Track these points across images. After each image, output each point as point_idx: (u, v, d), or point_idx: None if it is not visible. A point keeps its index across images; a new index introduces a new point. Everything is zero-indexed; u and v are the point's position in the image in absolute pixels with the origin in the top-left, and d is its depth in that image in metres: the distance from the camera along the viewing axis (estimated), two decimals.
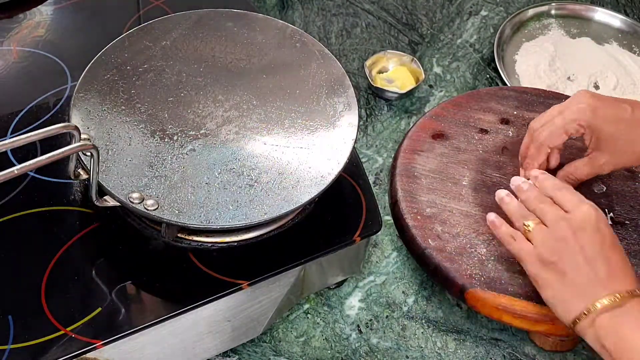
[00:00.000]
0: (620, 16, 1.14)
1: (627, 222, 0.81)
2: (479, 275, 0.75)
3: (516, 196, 0.74)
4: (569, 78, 1.05)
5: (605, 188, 0.84)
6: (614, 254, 0.67)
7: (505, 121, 0.90)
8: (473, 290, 0.74)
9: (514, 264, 0.76)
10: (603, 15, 1.15)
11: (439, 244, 0.77)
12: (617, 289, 0.64)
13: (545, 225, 0.69)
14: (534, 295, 0.72)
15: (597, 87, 1.04)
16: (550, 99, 0.93)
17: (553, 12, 1.15)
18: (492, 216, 0.74)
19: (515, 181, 0.75)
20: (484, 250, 0.77)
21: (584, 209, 0.68)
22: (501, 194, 0.75)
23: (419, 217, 0.79)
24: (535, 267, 0.69)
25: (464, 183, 0.83)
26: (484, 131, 0.88)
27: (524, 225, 0.70)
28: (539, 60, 1.06)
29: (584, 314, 0.64)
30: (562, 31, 1.12)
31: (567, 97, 0.93)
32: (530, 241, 0.70)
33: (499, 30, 1.08)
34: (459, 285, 0.74)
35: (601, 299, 0.64)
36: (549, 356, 0.79)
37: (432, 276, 0.78)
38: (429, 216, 0.80)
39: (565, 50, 1.08)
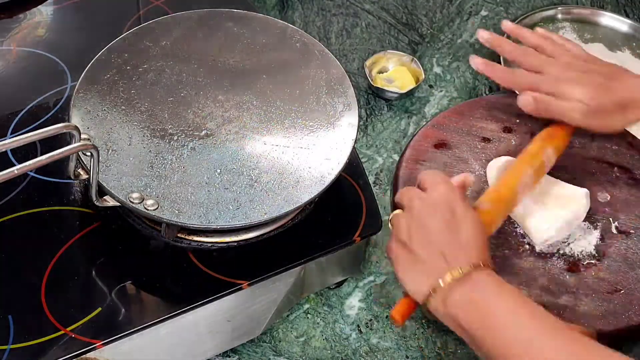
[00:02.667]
0: (629, 21, 1.13)
1: (631, 231, 0.80)
2: None
3: None
4: None
5: (609, 197, 0.83)
6: (464, 230, 0.66)
7: (507, 129, 0.89)
8: None
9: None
10: (610, 20, 1.14)
11: None
12: (460, 263, 0.64)
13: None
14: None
15: None
16: None
17: (560, 16, 1.14)
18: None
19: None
20: None
21: (439, 189, 0.68)
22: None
23: None
24: (392, 248, 0.68)
25: (466, 193, 0.82)
26: (486, 140, 0.88)
27: (389, 215, 0.71)
28: None
29: (432, 292, 0.63)
30: (575, 35, 1.12)
31: None
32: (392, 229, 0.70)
33: (505, 35, 1.08)
34: None
35: (444, 275, 0.63)
36: None
37: None
38: None
39: None
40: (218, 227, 0.66)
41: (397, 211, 0.70)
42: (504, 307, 0.62)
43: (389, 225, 0.70)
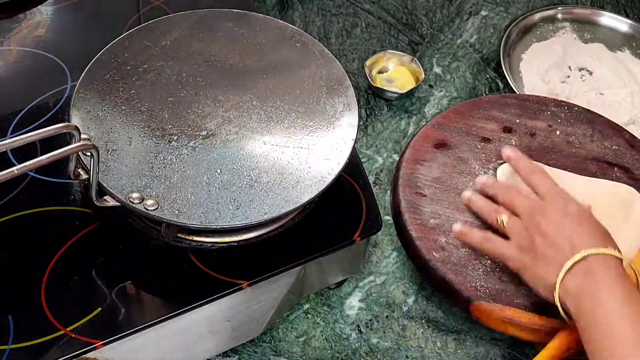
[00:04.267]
0: (629, 21, 1.13)
1: None
2: (484, 287, 0.74)
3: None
4: (570, 82, 1.04)
5: None
6: (583, 225, 0.69)
7: (507, 129, 0.89)
8: (478, 303, 0.73)
9: (519, 275, 0.75)
10: (610, 20, 1.14)
11: (443, 255, 0.76)
12: (587, 246, 0.66)
13: (517, 215, 0.72)
14: (540, 308, 0.72)
15: (601, 93, 1.03)
16: (552, 106, 0.92)
17: (560, 16, 1.14)
18: (457, 226, 0.76)
19: (480, 179, 0.79)
20: (489, 261, 0.76)
21: (554, 193, 0.73)
22: (467, 194, 0.79)
23: (422, 228, 0.79)
24: (516, 258, 0.71)
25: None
26: (486, 140, 0.88)
27: (498, 220, 0.73)
28: (545, 63, 1.06)
29: (557, 285, 0.66)
30: (575, 35, 1.11)
31: (568, 104, 0.93)
32: (506, 235, 0.72)
33: (505, 35, 1.08)
34: (464, 298, 0.74)
35: (567, 262, 0.65)
36: None
37: (436, 288, 0.77)
38: (433, 227, 0.79)
39: (574, 55, 1.08)
40: (218, 227, 0.66)
41: (507, 218, 0.73)
42: (612, 303, 0.62)
43: (497, 224, 0.74)
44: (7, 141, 0.57)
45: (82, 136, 0.62)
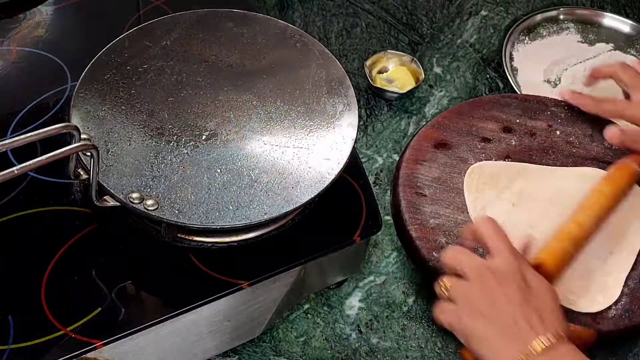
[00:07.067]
0: (630, 22, 1.13)
1: None
2: None
3: None
4: (571, 82, 1.04)
5: None
6: (543, 301, 0.64)
7: (507, 129, 0.89)
8: None
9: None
10: (613, 21, 1.14)
11: None
12: (549, 332, 0.62)
13: (465, 279, 0.66)
14: None
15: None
16: (552, 106, 0.92)
17: (562, 17, 1.14)
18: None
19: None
20: None
21: (506, 257, 0.66)
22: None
23: (422, 228, 0.79)
24: (463, 324, 0.65)
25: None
26: (486, 140, 0.88)
27: (439, 284, 0.67)
28: (545, 63, 1.06)
29: (523, 357, 0.61)
30: (577, 36, 1.11)
31: (568, 104, 0.93)
32: (452, 299, 0.66)
33: (506, 35, 1.08)
34: None
35: (535, 342, 0.61)
36: None
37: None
38: (433, 227, 0.79)
39: (575, 55, 1.08)
40: (218, 227, 0.66)
41: (449, 282, 0.66)
42: None
43: (439, 291, 0.67)
44: (7, 141, 0.57)
45: (82, 136, 0.62)
